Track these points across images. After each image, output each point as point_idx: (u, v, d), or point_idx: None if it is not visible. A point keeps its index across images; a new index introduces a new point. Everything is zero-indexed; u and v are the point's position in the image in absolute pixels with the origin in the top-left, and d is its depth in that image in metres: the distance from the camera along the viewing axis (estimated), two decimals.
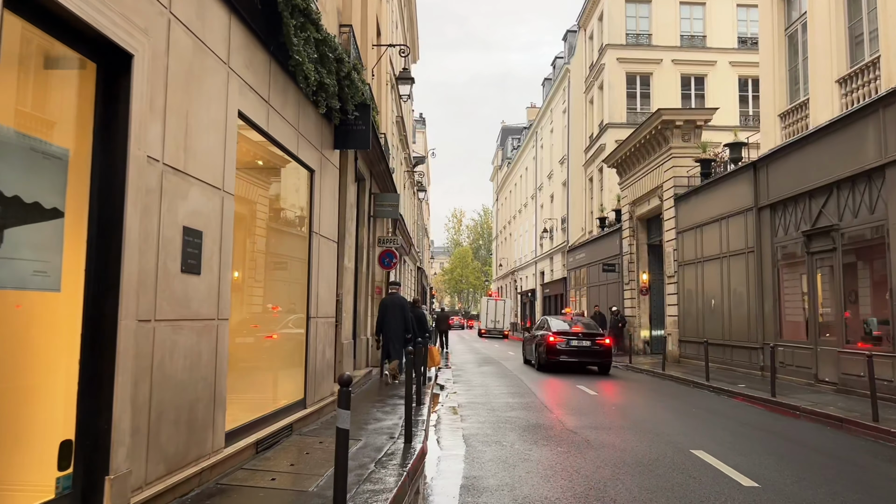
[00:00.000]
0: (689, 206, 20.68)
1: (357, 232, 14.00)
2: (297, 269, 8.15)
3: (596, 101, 34.65)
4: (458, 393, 13.34)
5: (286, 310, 8.02)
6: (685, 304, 20.87)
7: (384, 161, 14.64)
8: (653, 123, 22.13)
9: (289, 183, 8.20)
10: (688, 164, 21.53)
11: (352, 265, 12.28)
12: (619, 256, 27.83)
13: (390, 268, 14.74)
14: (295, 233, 8.22)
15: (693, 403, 12.24)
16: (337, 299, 11.07)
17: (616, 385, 15.31)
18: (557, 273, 41.03)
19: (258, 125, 6.28)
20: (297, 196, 8.32)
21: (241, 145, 6.13)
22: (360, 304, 13.82)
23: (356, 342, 13.73)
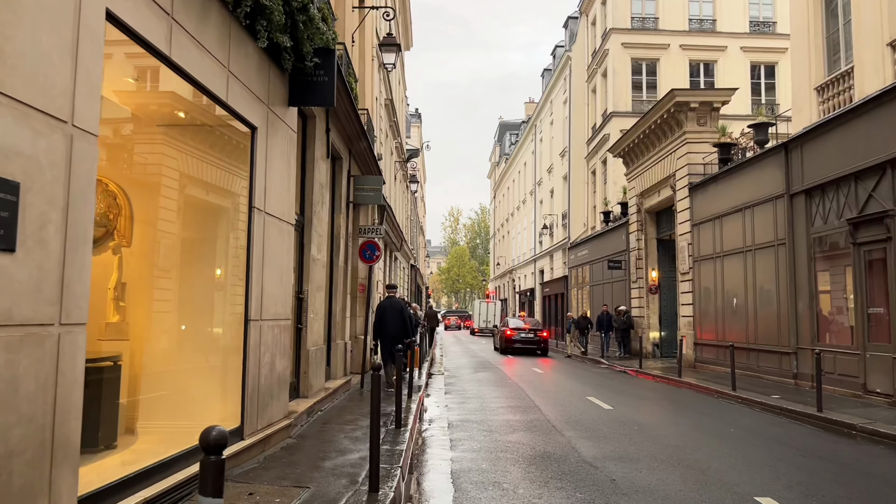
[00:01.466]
0: (705, 196, 18.78)
1: (333, 219, 12.07)
2: (228, 257, 6.23)
3: (599, 89, 32.75)
4: (451, 407, 11.42)
5: (207, 310, 6.09)
6: (702, 304, 18.97)
7: (365, 139, 12.71)
8: (665, 106, 20.22)
9: (215, 141, 6.27)
10: (704, 150, 19.63)
11: (323, 257, 10.35)
12: (626, 252, 25.93)
13: (372, 262, 12.83)
14: (225, 208, 6.30)
15: (727, 420, 10.33)
16: (300, 297, 9.14)
17: (631, 397, 13.40)
18: (558, 271, 39.12)
19: (152, 44, 4.35)
20: (230, 160, 6.39)
21: (126, 71, 4.21)
22: (336, 304, 11.90)
23: (331, 348, 11.80)
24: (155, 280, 5.69)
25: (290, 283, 7.29)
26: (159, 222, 5.89)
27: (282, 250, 7.02)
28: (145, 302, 5.78)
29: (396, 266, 28.44)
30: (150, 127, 5.75)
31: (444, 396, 12.94)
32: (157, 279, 5.58)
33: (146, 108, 5.60)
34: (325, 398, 9.98)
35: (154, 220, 5.85)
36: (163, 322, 6.06)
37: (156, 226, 5.87)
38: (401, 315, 13.22)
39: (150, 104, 5.64)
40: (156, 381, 5.80)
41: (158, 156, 5.91)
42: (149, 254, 5.69)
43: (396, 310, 13.34)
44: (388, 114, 22.77)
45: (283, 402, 7.14)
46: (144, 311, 5.78)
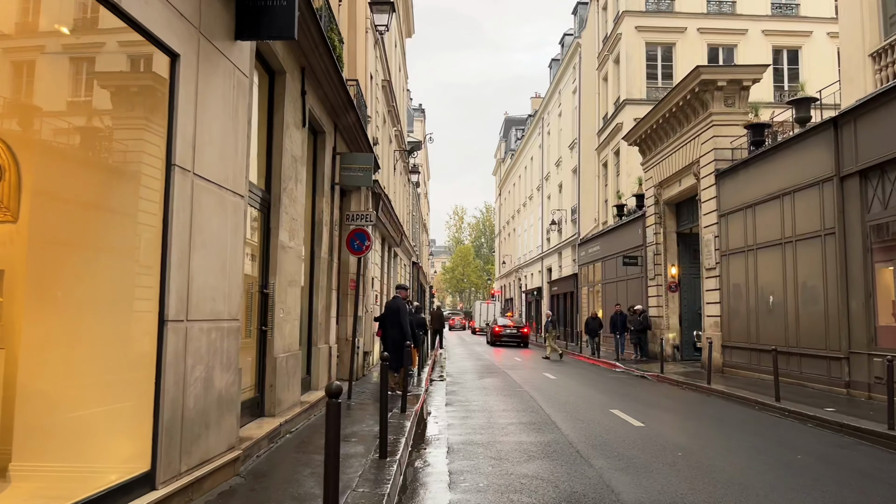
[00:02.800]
0: (735, 183, 16.97)
1: (314, 204, 10.33)
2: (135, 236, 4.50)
3: (611, 77, 30.95)
4: (452, 424, 9.66)
5: (113, 309, 4.35)
6: (730, 302, 17.16)
7: (353, 111, 10.98)
8: (688, 86, 18.42)
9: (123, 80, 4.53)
10: (732, 134, 17.83)
11: (298, 246, 8.61)
12: (642, 248, 24.12)
13: (362, 253, 11.09)
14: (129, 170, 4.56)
15: (784, 442, 8.54)
16: (264, 292, 7.39)
17: (660, 409, 11.62)
18: (567, 269, 37.32)
19: None
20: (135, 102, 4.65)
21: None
22: (318, 302, 10.17)
23: (311, 353, 10.07)
24: (47, 267, 3.97)
25: (237, 272, 5.55)
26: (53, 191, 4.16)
27: (223, 228, 5.27)
28: (30, 297, 4.08)
29: (396, 263, 26.69)
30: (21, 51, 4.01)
31: (445, 409, 11.19)
32: (50, 265, 3.86)
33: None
34: (301, 414, 8.24)
35: (53, 191, 4.13)
36: (52, 324, 4.34)
37: (52, 196, 4.14)
38: (397, 316, 11.77)
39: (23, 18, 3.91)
40: (38, 406, 4.08)
41: (42, 94, 4.17)
42: (41, 233, 3.98)
43: (394, 311, 12.04)
44: (386, 97, 21.03)
45: (228, 429, 5.39)
46: (31, 310, 4.07)
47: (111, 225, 4.35)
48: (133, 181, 4.54)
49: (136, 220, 4.52)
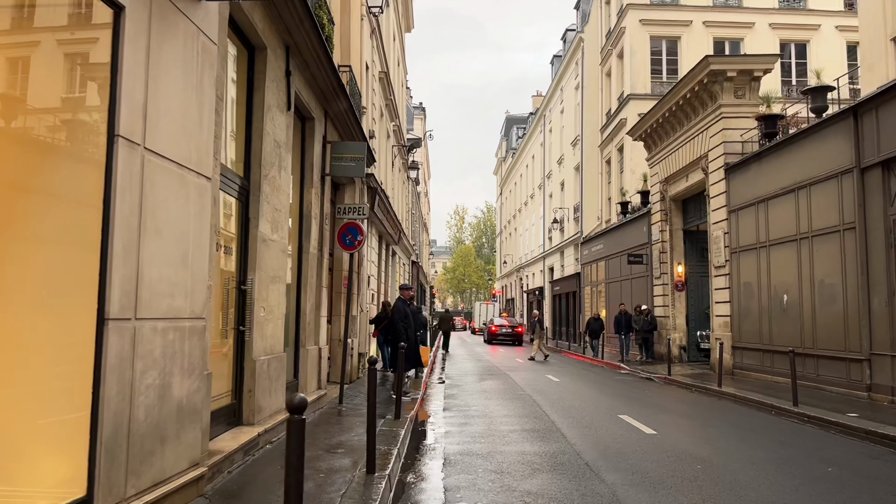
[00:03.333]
0: (746, 178, 16.28)
1: (302, 195, 9.66)
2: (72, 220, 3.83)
3: (615, 71, 30.28)
4: (451, 431, 8.98)
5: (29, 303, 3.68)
6: (741, 301, 16.47)
7: (345, 97, 10.31)
8: (697, 77, 17.74)
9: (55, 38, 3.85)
10: (743, 126, 17.16)
11: (282, 239, 7.94)
12: (647, 246, 23.44)
13: (353, 248, 10.42)
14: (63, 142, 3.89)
15: (810, 451, 7.86)
16: (242, 288, 6.72)
17: (672, 414, 10.95)
18: (569, 268, 36.63)
19: None
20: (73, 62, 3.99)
21: None
22: (306, 300, 9.49)
23: (299, 355, 9.39)
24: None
25: (203, 265, 4.88)
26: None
27: (185, 214, 4.60)
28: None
29: (395, 262, 26.02)
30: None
31: (442, 415, 10.51)
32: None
33: None
34: (282, 422, 7.55)
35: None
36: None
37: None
38: (390, 320, 11.40)
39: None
40: None
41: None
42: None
43: (402, 314, 11.66)
44: (384, 90, 20.36)
45: (191, 443, 4.72)
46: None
47: (42, 208, 3.68)
48: (69, 155, 3.87)
49: (75, 201, 3.84)
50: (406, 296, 13.02)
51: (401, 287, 12.87)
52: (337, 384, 12.50)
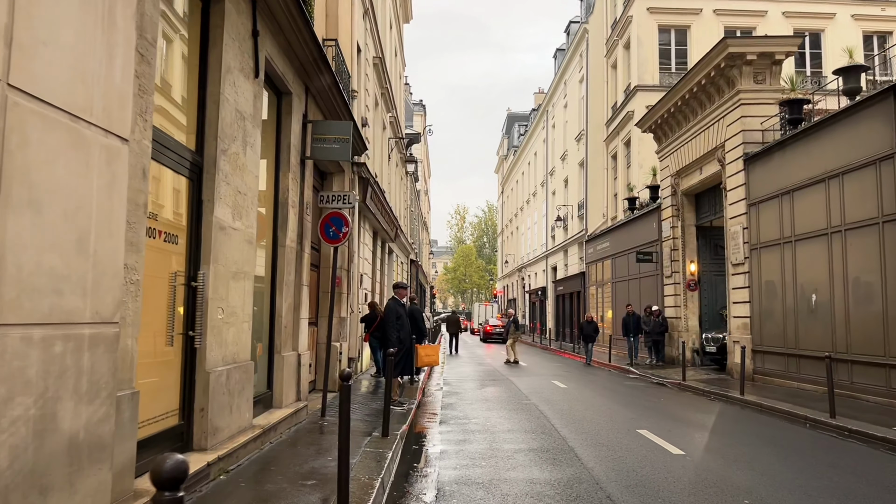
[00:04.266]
0: (768, 168, 15.09)
1: (277, 181, 8.48)
2: None
3: (621, 63, 29.10)
4: (447, 452, 7.79)
5: None
6: (762, 301, 15.27)
7: (327, 72, 9.13)
8: (713, 61, 16.55)
9: None
10: (763, 114, 15.97)
11: (248, 228, 6.76)
12: (657, 243, 22.26)
13: (338, 241, 9.24)
14: None
15: (868, 477, 6.67)
16: (192, 285, 5.55)
17: (697, 428, 9.75)
18: (573, 267, 35.45)
19: None
20: None
21: None
22: (282, 300, 8.31)
23: (273, 364, 8.21)
24: None
25: (113, 252, 3.69)
26: None
27: (83, 183, 3.42)
28: None
29: (391, 260, 24.84)
30: None
31: (438, 429, 9.32)
32: None
33: None
34: (248, 444, 6.38)
35: None
36: None
37: None
38: (382, 322, 10.36)
39: None
40: None
41: None
42: None
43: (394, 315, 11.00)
44: (379, 77, 19.19)
45: (95, 489, 3.54)
46: None
47: None
48: None
49: None
50: (400, 295, 11.86)
51: (394, 286, 11.70)
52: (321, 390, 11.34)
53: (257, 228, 7.46)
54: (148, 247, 4.96)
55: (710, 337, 18.71)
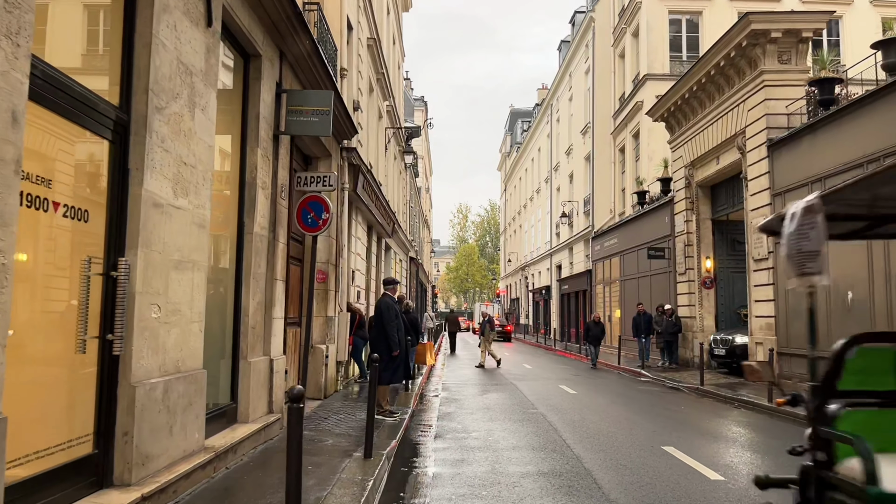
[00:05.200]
0: (795, 154, 13.86)
1: (244, 157, 7.27)
2: None
3: (629, 52, 27.86)
4: (440, 475, 6.58)
5: None
6: (789, 300, 14.03)
7: (305, 36, 7.93)
8: (734, 40, 15.32)
9: None
10: (788, 96, 14.74)
11: (198, 209, 5.56)
12: (670, 238, 21.03)
13: (317, 229, 8.04)
14: None
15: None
16: (110, 275, 4.35)
17: (727, 443, 8.53)
18: (579, 265, 34.21)
19: None
20: None
21: None
22: (249, 297, 7.10)
23: (238, 371, 7.01)
24: None
25: None
26: None
27: None
28: None
29: (389, 257, 23.64)
30: None
31: (433, 445, 8.11)
32: None
33: None
34: (193, 473, 5.17)
35: None
36: None
37: None
38: (378, 320, 9.53)
39: None
40: None
41: None
42: None
43: (376, 313, 9.78)
44: (374, 60, 17.98)
45: None
46: None
47: None
48: None
49: None
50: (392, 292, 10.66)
51: (385, 282, 10.51)
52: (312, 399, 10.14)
53: (215, 211, 6.27)
54: (39, 223, 3.77)
55: (718, 339, 17.38)
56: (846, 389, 3.44)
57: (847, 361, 3.50)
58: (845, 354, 3.50)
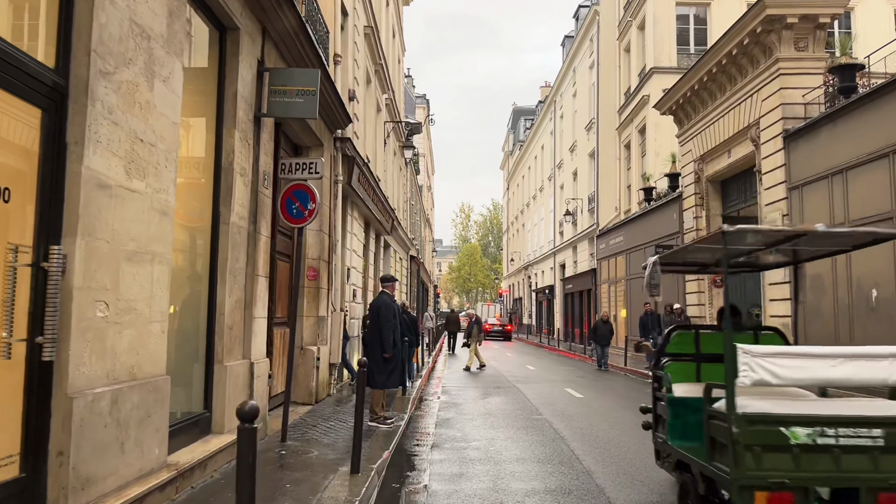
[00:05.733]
0: (813, 145, 13.16)
1: (220, 140, 6.60)
2: None
3: (635, 45, 27.16)
4: (437, 493, 5.90)
5: None
6: (808, 300, 13.33)
7: (290, 9, 7.26)
8: (747, 26, 14.61)
9: None
10: (805, 85, 14.03)
11: (158, 193, 4.90)
12: (678, 235, 20.33)
13: (301, 221, 7.36)
14: None
15: None
16: (38, 266, 3.65)
17: None
18: (583, 264, 33.50)
19: None
20: None
21: None
22: (225, 295, 6.43)
23: (213, 376, 6.33)
24: None
25: None
26: None
27: None
28: None
29: (388, 255, 22.97)
30: None
31: (429, 456, 7.43)
32: None
33: None
34: (148, 496, 4.50)
35: None
36: None
37: None
38: (376, 319, 8.96)
39: None
40: None
41: None
42: None
43: (372, 312, 9.16)
44: (371, 50, 17.31)
45: None
46: None
47: None
48: None
49: None
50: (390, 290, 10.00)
51: (383, 279, 9.84)
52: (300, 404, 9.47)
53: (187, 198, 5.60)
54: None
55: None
56: (669, 352, 5.97)
57: (671, 337, 6.05)
58: (671, 335, 6.07)
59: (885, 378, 4.08)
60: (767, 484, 3.88)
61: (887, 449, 3.91)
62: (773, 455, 3.93)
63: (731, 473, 3.96)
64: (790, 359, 4.07)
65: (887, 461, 3.91)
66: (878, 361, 4.06)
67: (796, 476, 3.89)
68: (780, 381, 4.03)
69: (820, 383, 4.79)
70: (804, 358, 4.10)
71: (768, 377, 3.98)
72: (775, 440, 3.93)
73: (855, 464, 3.91)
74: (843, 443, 3.91)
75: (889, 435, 3.92)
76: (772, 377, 3.98)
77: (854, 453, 3.91)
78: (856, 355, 4.10)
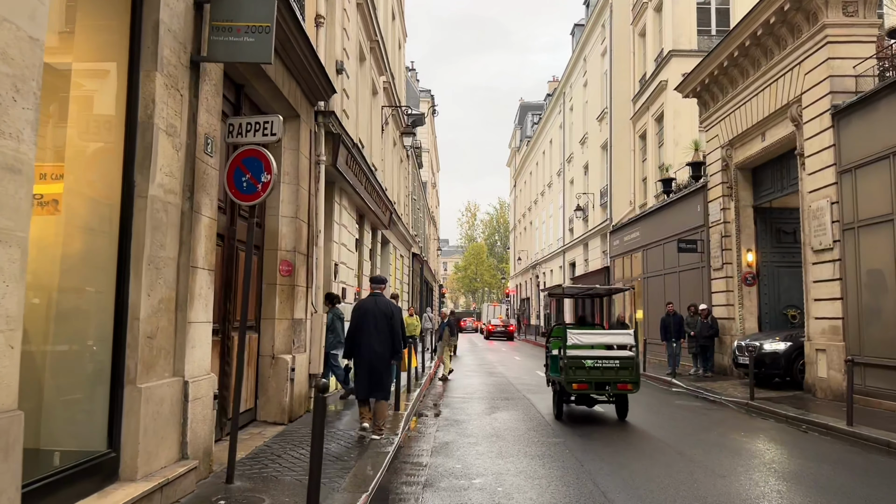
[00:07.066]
0: (868, 122, 11.43)
1: (132, 88, 4.93)
2: None
3: (651, 29, 25.42)
4: None
5: None
6: (863, 298, 11.59)
7: None
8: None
9: None
10: (857, 55, 12.31)
11: (10, 141, 3.22)
12: (703, 229, 18.60)
13: (253, 197, 5.71)
14: None
15: None
16: None
17: (832, 495, 6.13)
18: (595, 262, 31.76)
19: None
20: None
21: None
22: (139, 291, 4.77)
23: (121, 403, 4.67)
24: None
25: None
26: None
27: None
28: None
29: (387, 251, 21.30)
30: None
31: (420, 499, 5.75)
32: None
33: None
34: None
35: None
36: None
37: None
38: (388, 324, 8.00)
39: None
40: None
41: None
42: None
43: (384, 315, 8.03)
44: (367, 25, 15.65)
45: None
46: None
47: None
48: None
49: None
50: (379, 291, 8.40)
51: (372, 280, 8.30)
52: (273, 423, 7.82)
53: (80, 162, 3.95)
54: None
55: (744, 345, 14.86)
56: (553, 335, 11.63)
57: (553, 329, 12.07)
58: (553, 328, 12.33)
59: (620, 342, 10.58)
60: (576, 381, 9.82)
61: (620, 369, 9.90)
62: (577, 370, 9.85)
63: (564, 379, 9.93)
64: (581, 335, 10.33)
65: (622, 373, 9.88)
66: (615, 336, 10.87)
67: (587, 378, 9.84)
68: (578, 342, 10.25)
69: (593, 343, 10.47)
70: (584, 335, 10.42)
71: (575, 340, 10.20)
72: (578, 364, 9.88)
73: (609, 374, 9.88)
74: (603, 365, 9.88)
75: (622, 362, 9.97)
76: (578, 341, 10.23)
77: (608, 368, 9.89)
78: (608, 333, 11.52)
